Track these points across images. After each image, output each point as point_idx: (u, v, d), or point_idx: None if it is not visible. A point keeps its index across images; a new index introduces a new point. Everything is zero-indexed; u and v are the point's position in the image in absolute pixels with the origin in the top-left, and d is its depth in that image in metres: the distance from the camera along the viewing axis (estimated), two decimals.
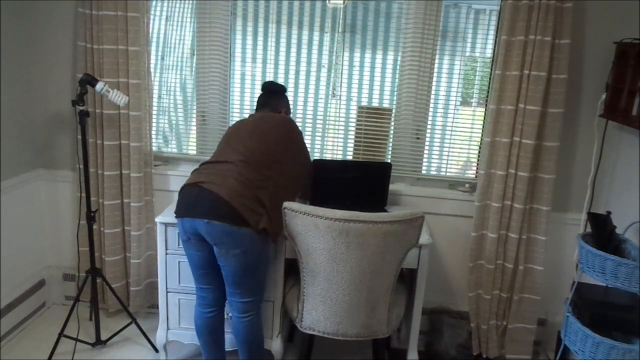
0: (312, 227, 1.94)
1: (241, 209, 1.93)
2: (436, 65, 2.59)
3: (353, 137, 2.75)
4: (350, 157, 2.77)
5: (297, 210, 1.95)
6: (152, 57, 2.67)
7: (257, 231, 1.97)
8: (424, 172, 2.77)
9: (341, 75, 2.69)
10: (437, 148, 2.74)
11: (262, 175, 2.03)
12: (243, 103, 2.76)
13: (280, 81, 2.72)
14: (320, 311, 2.10)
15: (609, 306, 2.09)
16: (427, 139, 2.71)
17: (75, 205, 2.76)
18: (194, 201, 1.97)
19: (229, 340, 2.39)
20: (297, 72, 2.70)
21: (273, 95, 2.37)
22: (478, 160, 2.69)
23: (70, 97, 2.55)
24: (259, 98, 2.39)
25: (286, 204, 1.97)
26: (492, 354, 2.65)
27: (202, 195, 1.96)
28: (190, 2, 2.65)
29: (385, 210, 2.52)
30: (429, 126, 2.69)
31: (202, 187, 1.96)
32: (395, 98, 2.67)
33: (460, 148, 2.74)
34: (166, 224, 2.31)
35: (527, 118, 2.38)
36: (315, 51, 2.66)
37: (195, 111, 2.77)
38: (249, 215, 1.94)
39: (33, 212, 2.77)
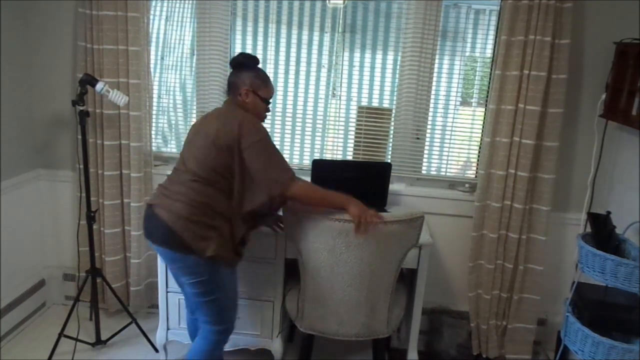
0: (312, 227, 1.94)
1: (185, 234, 1.82)
2: (436, 65, 2.59)
3: (353, 137, 2.75)
4: (350, 157, 2.77)
5: (298, 211, 1.94)
6: (152, 57, 2.67)
7: (204, 259, 1.84)
8: (424, 172, 2.77)
9: (341, 75, 2.69)
10: (437, 148, 2.74)
11: (212, 189, 1.86)
12: None
13: (280, 81, 2.71)
14: (320, 311, 2.10)
15: (608, 306, 2.09)
16: (427, 139, 2.71)
17: (75, 205, 2.76)
18: (147, 225, 1.93)
19: (231, 340, 2.39)
20: (297, 72, 2.70)
21: (234, 73, 1.99)
22: (478, 160, 2.69)
23: (70, 97, 2.55)
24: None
25: (289, 204, 1.96)
26: (492, 354, 2.65)
27: (152, 220, 1.88)
28: (190, 2, 2.65)
29: (385, 210, 2.52)
30: (429, 126, 2.69)
31: (154, 212, 1.88)
32: (395, 98, 2.67)
33: (460, 148, 2.74)
34: None
35: (527, 118, 2.38)
36: (315, 51, 2.66)
37: (195, 111, 2.77)
38: (195, 242, 1.82)
39: (33, 212, 2.77)
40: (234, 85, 1.97)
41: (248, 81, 1.95)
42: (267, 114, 2.06)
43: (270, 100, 2.03)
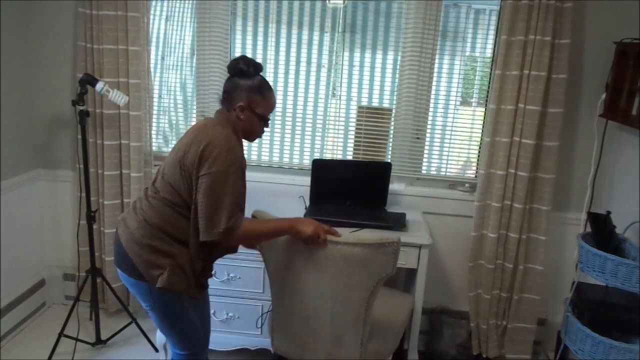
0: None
1: (137, 260, 1.64)
2: (436, 65, 2.59)
3: (353, 137, 2.75)
4: (350, 157, 2.77)
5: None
6: (153, 57, 2.67)
7: (156, 289, 1.65)
8: (423, 172, 2.77)
9: (341, 75, 2.69)
10: (437, 148, 2.74)
11: (171, 211, 1.65)
12: None
13: (280, 81, 2.71)
14: (285, 332, 1.93)
15: (608, 306, 2.10)
16: (427, 139, 2.71)
17: (75, 205, 2.76)
18: (114, 244, 1.78)
19: (231, 340, 2.39)
20: (297, 72, 2.70)
21: (231, 81, 1.73)
22: (478, 160, 2.69)
23: (70, 97, 2.55)
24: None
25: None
26: (492, 354, 2.65)
27: (116, 239, 1.74)
28: (190, 2, 2.65)
29: (385, 211, 2.52)
30: (429, 126, 2.69)
31: (118, 230, 1.75)
32: (395, 98, 2.67)
33: (460, 148, 2.74)
34: None
35: (527, 118, 2.38)
36: (315, 51, 2.66)
37: (195, 111, 2.77)
38: (145, 270, 1.64)
39: (33, 212, 2.77)
40: (229, 97, 1.72)
41: (245, 95, 1.69)
42: (266, 129, 1.82)
43: (269, 117, 1.78)
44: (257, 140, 1.85)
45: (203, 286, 1.78)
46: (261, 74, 1.75)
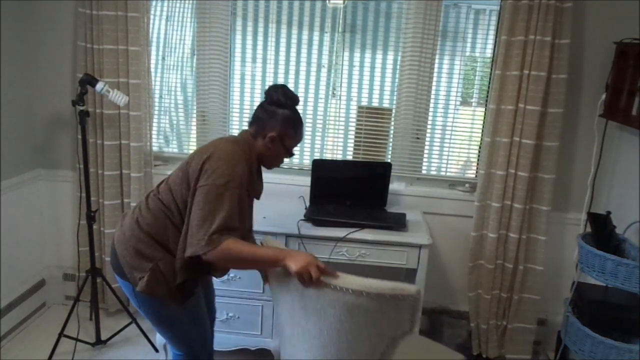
0: (274, 270, 1.53)
1: (122, 261, 1.64)
2: (436, 65, 2.59)
3: (353, 137, 2.75)
4: (350, 157, 2.77)
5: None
6: (153, 57, 2.67)
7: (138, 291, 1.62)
8: (424, 171, 2.77)
9: (341, 75, 2.69)
10: (437, 148, 2.74)
11: (162, 214, 1.64)
12: (243, 103, 2.76)
13: (280, 81, 2.71)
14: None
15: (608, 306, 2.10)
16: (427, 139, 2.71)
17: (75, 205, 2.76)
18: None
19: (231, 341, 2.39)
20: (297, 72, 2.70)
21: (266, 109, 1.71)
22: (478, 160, 2.69)
23: (70, 97, 2.55)
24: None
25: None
26: (492, 354, 2.65)
27: (112, 237, 1.75)
28: (191, 2, 2.65)
29: (385, 211, 2.52)
30: (429, 126, 2.69)
31: (116, 227, 1.78)
32: (395, 98, 2.67)
33: (460, 148, 2.74)
34: None
35: (527, 118, 2.38)
36: (315, 51, 2.66)
37: (195, 111, 2.77)
38: (129, 271, 1.63)
39: (33, 212, 2.77)
40: (261, 124, 1.69)
41: (278, 127, 1.67)
42: (286, 159, 1.80)
43: (295, 150, 1.77)
44: None
45: (188, 293, 1.69)
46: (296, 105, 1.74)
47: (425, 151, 2.73)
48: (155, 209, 1.66)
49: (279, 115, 1.68)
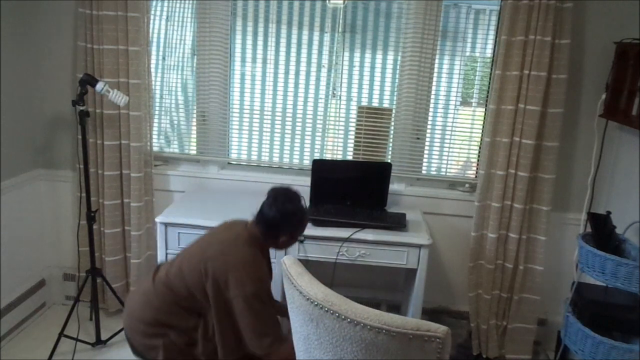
0: (291, 296, 1.41)
1: (133, 340, 1.78)
2: (436, 65, 2.59)
3: (353, 137, 2.75)
4: (350, 157, 2.77)
5: (286, 270, 1.45)
6: (153, 58, 2.67)
7: None
8: (424, 172, 2.77)
9: (341, 75, 2.69)
10: (437, 148, 2.74)
11: (176, 306, 1.76)
12: (243, 103, 2.76)
13: (280, 81, 2.71)
14: None
15: (608, 306, 2.09)
16: (427, 139, 2.71)
17: (75, 205, 2.76)
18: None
19: None
20: (297, 72, 2.70)
21: (282, 215, 1.76)
22: (478, 160, 2.69)
23: (70, 97, 2.55)
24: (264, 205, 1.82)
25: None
26: (492, 354, 2.65)
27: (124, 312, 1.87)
28: (191, 2, 2.65)
29: (385, 211, 2.52)
30: (429, 126, 2.69)
31: (127, 303, 1.87)
32: (395, 98, 2.67)
33: (460, 148, 2.74)
34: (166, 224, 2.31)
35: (527, 118, 2.38)
36: (315, 51, 2.66)
37: (195, 111, 2.77)
38: (145, 350, 1.76)
39: (33, 212, 2.77)
40: (274, 228, 1.77)
41: (290, 230, 1.79)
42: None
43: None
44: (257, 140, 1.84)
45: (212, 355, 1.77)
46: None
47: (425, 151, 2.73)
48: (163, 296, 1.76)
49: (295, 220, 1.79)
